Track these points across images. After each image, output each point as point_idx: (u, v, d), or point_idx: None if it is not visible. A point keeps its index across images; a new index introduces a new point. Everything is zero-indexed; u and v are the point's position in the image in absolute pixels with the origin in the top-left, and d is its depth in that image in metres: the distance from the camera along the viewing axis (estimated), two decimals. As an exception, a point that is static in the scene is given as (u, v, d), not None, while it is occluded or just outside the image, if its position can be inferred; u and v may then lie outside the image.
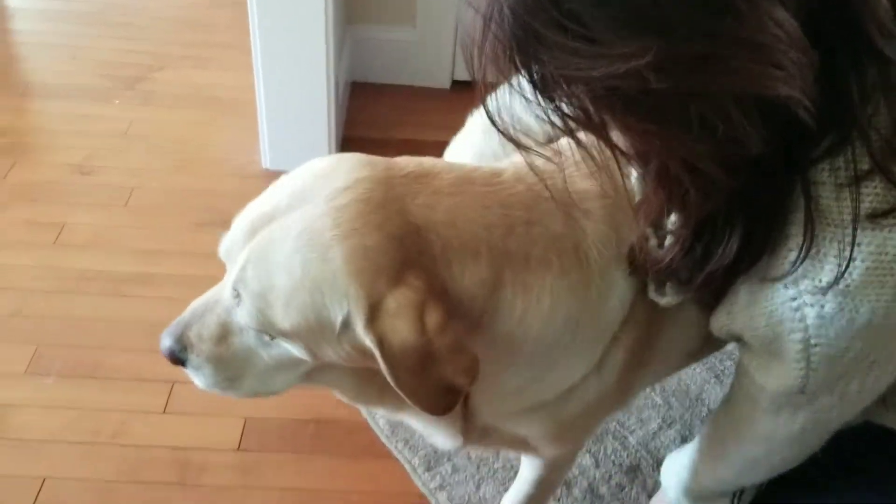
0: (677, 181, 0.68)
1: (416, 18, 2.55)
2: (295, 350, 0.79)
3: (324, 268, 0.72)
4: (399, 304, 0.71)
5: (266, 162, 2.23)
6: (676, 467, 1.22)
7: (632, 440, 1.56)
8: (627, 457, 1.53)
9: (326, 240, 0.72)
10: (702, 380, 1.66)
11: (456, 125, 1.12)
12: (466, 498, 1.45)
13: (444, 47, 2.56)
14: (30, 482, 1.39)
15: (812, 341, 0.76)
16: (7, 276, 1.80)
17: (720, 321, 0.84)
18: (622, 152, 0.69)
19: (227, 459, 1.47)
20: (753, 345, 0.83)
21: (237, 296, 0.77)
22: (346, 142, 2.31)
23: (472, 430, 0.96)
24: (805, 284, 0.72)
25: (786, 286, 0.74)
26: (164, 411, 1.54)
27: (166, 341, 0.85)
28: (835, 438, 0.95)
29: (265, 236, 0.76)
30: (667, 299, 0.83)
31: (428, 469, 1.49)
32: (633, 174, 0.81)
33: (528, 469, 1.21)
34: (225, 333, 0.82)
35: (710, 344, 1.00)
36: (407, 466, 1.49)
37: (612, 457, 1.53)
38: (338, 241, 0.72)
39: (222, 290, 0.81)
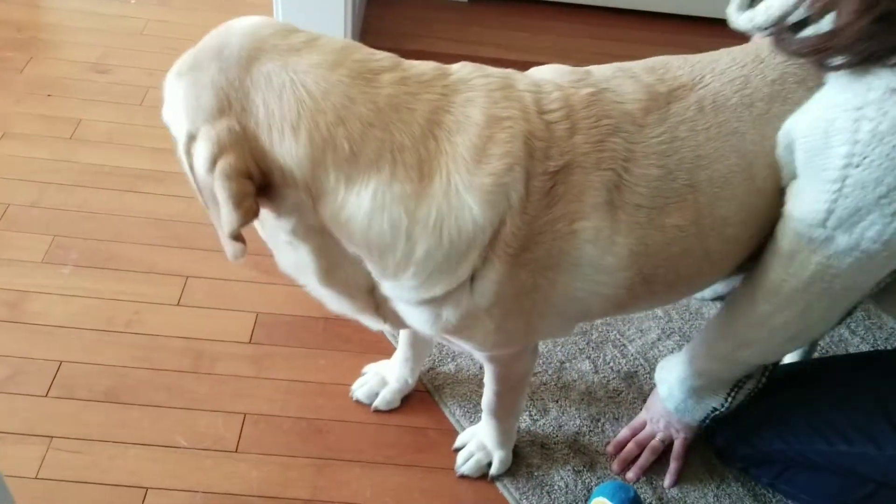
0: None
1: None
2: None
3: (176, 93, 0.86)
4: (202, 141, 0.81)
5: (281, 67, 2.22)
6: (670, 364, 1.26)
7: (631, 349, 1.60)
8: (626, 364, 1.57)
9: (181, 68, 0.86)
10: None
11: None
12: (468, 395, 1.49)
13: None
14: (47, 365, 1.44)
15: (854, 160, 0.83)
16: (24, 168, 1.82)
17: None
18: None
19: (239, 351, 1.51)
20: (798, 157, 0.91)
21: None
22: (362, 49, 2.29)
23: (386, 312, 1.01)
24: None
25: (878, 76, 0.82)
26: (178, 303, 1.58)
27: None
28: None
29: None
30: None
31: (431, 367, 1.53)
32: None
33: (485, 367, 1.25)
34: None
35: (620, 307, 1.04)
36: (412, 365, 1.54)
37: (611, 364, 1.57)
38: (184, 73, 0.85)
39: None
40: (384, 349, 1.56)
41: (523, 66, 1.01)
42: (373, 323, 1.07)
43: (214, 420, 1.40)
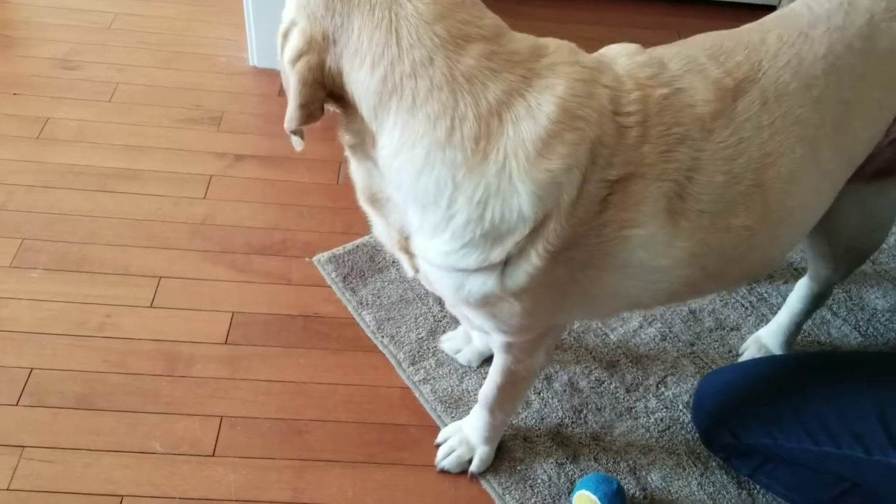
0: None
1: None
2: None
3: None
4: (297, 33, 0.84)
5: (253, 59, 2.19)
6: None
7: (612, 337, 1.58)
8: (608, 353, 1.55)
9: None
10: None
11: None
12: (450, 391, 1.47)
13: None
14: (17, 372, 1.41)
15: None
16: (-9, 170, 1.79)
17: None
18: None
19: (215, 352, 1.49)
20: None
21: None
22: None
23: (418, 264, 1.01)
24: None
25: None
26: (150, 305, 1.55)
27: None
28: None
29: None
30: None
31: (412, 363, 1.51)
32: None
33: (495, 356, 1.23)
34: None
35: (664, 297, 1.04)
36: (392, 360, 1.51)
37: (593, 353, 1.55)
38: None
39: None
40: (364, 345, 1.53)
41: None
42: (407, 268, 1.05)
43: (191, 424, 1.37)
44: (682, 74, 0.94)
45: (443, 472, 1.36)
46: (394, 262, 1.69)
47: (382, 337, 1.55)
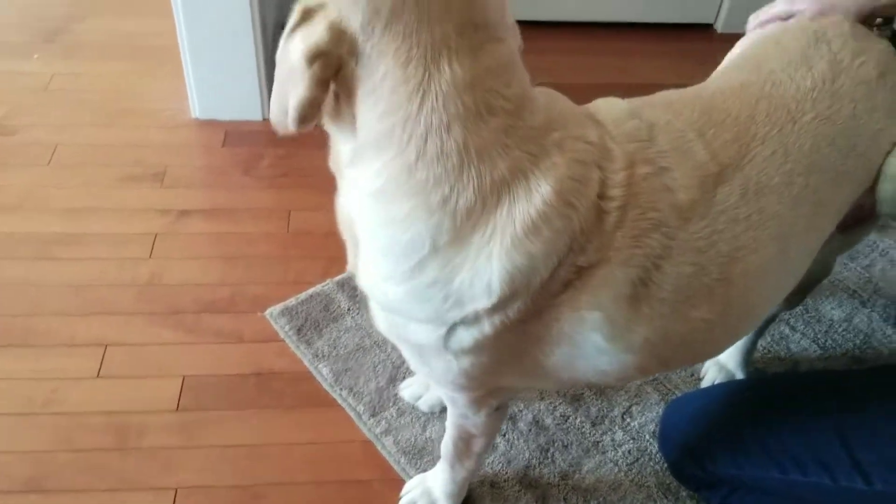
0: None
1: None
2: None
3: None
4: (318, 20, 0.74)
5: (195, 111, 2.15)
6: None
7: (575, 372, 1.56)
8: (571, 387, 1.53)
9: None
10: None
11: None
12: (413, 440, 1.44)
13: None
14: (-38, 457, 1.36)
15: None
16: (-73, 246, 1.73)
17: None
18: None
19: (166, 420, 1.44)
20: None
21: None
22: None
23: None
24: None
25: None
26: (97, 375, 1.50)
27: None
28: None
29: None
30: None
31: (373, 415, 1.48)
32: None
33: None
34: None
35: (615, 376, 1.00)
36: (352, 413, 1.48)
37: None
38: None
39: None
40: (322, 400, 1.49)
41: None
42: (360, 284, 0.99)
43: (144, 499, 1.32)
44: (667, 151, 0.90)
45: (404, 528, 1.32)
46: (349, 308, 1.66)
47: (341, 389, 1.51)
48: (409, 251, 0.82)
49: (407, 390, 1.50)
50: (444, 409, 1.46)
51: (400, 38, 0.74)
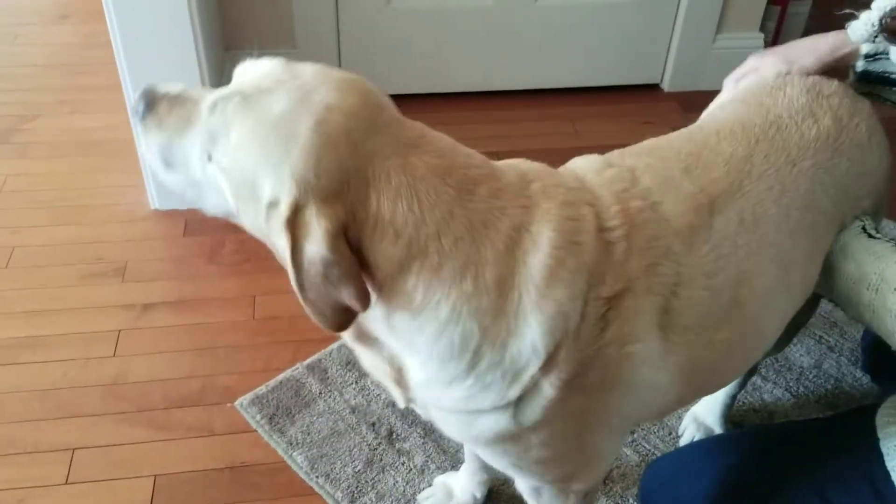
0: None
1: (294, 38, 2.51)
2: (223, 186, 0.82)
3: (284, 145, 0.77)
4: (322, 216, 0.76)
5: (154, 202, 2.14)
6: None
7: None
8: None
9: (301, 127, 0.77)
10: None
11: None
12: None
13: (328, 61, 2.51)
14: (-75, 580, 1.30)
15: None
16: None
17: None
18: None
19: (140, 523, 1.40)
20: None
21: (214, 107, 0.81)
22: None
23: (413, 401, 0.96)
24: None
25: None
26: (66, 482, 1.46)
27: (145, 86, 0.89)
28: None
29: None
30: None
31: (352, 501, 1.44)
32: None
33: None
34: (184, 119, 0.85)
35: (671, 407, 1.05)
36: (330, 501, 1.45)
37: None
38: (306, 134, 0.77)
39: (207, 95, 0.84)
40: (299, 489, 1.46)
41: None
42: (399, 399, 0.97)
43: None
44: (653, 188, 0.93)
45: None
46: (321, 392, 1.64)
47: (317, 477, 1.48)
48: (465, 344, 0.83)
49: (427, 501, 1.44)
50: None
51: (370, 184, 0.79)
